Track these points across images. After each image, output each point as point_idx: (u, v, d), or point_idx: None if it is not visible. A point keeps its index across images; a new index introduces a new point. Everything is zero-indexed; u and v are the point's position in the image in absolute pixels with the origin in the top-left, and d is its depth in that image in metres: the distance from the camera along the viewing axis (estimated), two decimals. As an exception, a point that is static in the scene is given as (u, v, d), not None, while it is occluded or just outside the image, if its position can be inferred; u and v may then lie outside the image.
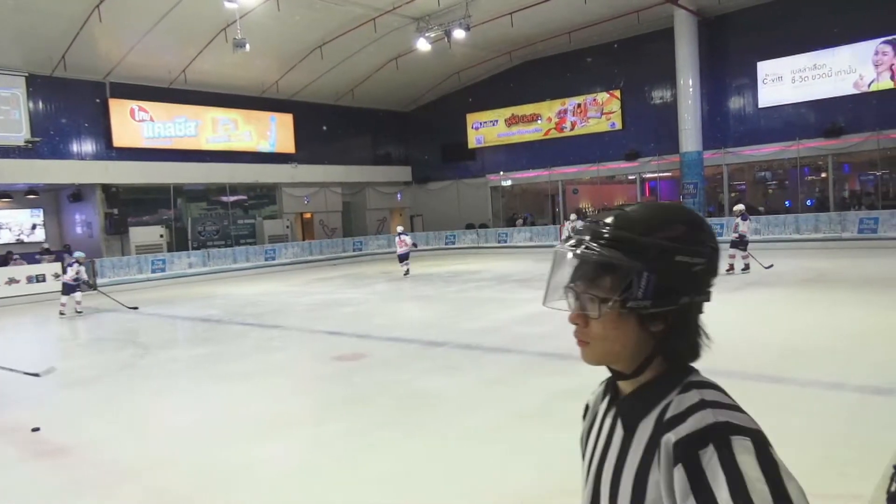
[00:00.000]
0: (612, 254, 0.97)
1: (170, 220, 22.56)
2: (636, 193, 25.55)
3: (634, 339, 0.99)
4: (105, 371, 8.24)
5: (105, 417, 6.11)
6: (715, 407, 0.91)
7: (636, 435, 0.98)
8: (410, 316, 10.88)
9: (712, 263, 1.01)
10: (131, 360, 8.75)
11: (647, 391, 1.00)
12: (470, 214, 27.73)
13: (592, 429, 1.12)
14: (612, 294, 0.98)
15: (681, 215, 1.02)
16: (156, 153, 21.51)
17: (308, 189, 26.12)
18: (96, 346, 10.67)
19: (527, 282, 14.64)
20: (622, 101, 23.75)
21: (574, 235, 1.04)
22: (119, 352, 9.64)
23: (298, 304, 13.41)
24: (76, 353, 10.38)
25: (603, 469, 1.03)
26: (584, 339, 1.03)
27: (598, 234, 1.00)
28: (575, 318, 1.03)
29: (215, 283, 19.45)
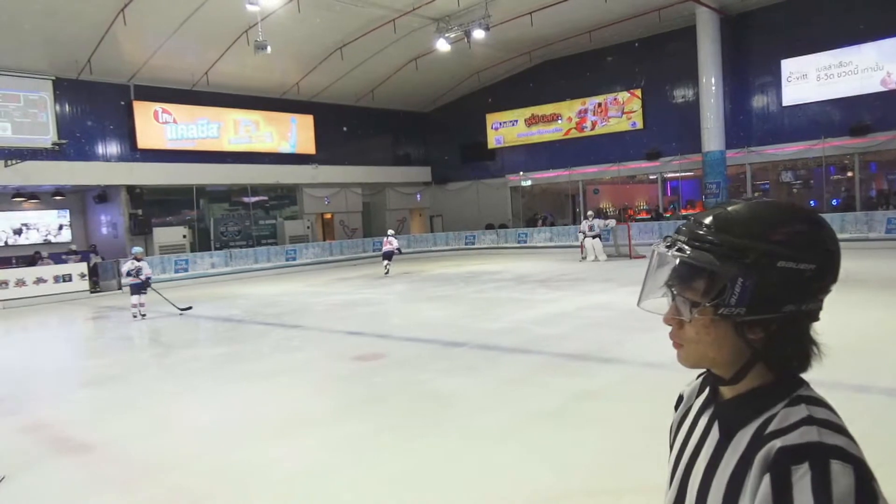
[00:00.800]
0: (702, 257, 0.92)
1: (193, 220, 22.82)
2: (657, 193, 25.33)
3: (729, 346, 0.94)
4: (128, 370, 8.35)
5: (127, 416, 6.19)
6: (822, 426, 0.86)
7: (733, 442, 0.94)
8: (429, 316, 10.89)
9: (826, 269, 0.92)
10: (154, 359, 8.86)
11: (750, 400, 0.95)
12: (490, 215, 27.69)
13: (685, 422, 1.08)
14: (703, 298, 0.93)
15: (790, 215, 0.94)
16: (179, 154, 21.79)
17: (328, 190, 26.28)
18: (120, 344, 10.82)
19: (546, 282, 14.57)
20: (643, 100, 23.56)
21: (673, 235, 1.00)
22: (142, 351, 9.77)
23: (318, 304, 13.48)
24: (100, 351, 10.53)
25: (693, 467, 0.99)
26: (678, 342, 0.99)
27: (694, 234, 0.96)
28: (668, 319, 1.00)
29: (237, 283, 19.64)
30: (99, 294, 18.45)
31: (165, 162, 21.35)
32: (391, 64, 23.72)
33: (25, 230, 21.60)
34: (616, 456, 4.40)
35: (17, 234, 21.30)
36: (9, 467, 4.85)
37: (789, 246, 0.91)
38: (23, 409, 6.64)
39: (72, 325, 14.03)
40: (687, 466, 1.01)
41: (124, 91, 20.93)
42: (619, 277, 14.43)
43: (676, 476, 1.03)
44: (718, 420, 0.99)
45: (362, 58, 22.36)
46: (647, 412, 5.25)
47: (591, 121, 24.89)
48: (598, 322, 9.27)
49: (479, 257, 23.55)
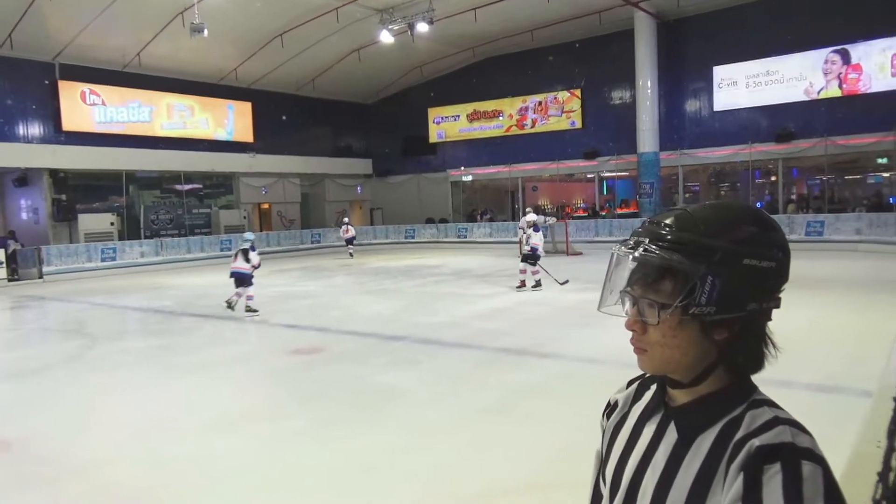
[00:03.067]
0: (673, 257, 0.92)
1: (121, 207, 21.90)
2: (594, 192, 25.94)
3: (696, 348, 0.94)
4: (50, 362, 7.95)
5: (50, 410, 5.89)
6: (793, 426, 0.88)
7: (693, 447, 0.93)
8: (369, 310, 10.81)
9: (783, 267, 0.95)
10: (79, 351, 8.46)
11: (710, 403, 0.95)
12: (430, 209, 27.72)
13: (622, 429, 1.07)
14: (672, 299, 0.92)
15: (748, 215, 0.96)
16: (107, 138, 20.84)
17: (266, 179, 25.71)
18: (41, 336, 10.30)
19: (486, 277, 14.70)
20: (582, 100, 24.03)
21: (633, 236, 0.98)
22: (65, 342, 9.32)
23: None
24: (19, 343, 9.98)
25: (644, 474, 0.98)
26: (641, 347, 0.97)
27: (657, 235, 0.95)
28: (632, 324, 0.98)
29: (168, 273, 18.99)
30: (17, 283, 17.48)
31: (93, 145, 20.36)
32: (333, 53, 23.37)
33: (-64, 213, 20.24)
34: (557, 451, 4.48)
35: (-73, 217, 19.93)
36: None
37: (752, 244, 0.92)
38: (-67, 405, 6.22)
39: (-13, 315, 13.24)
40: (636, 473, 0.99)
41: (49, 69, 19.85)
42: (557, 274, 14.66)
43: (623, 483, 1.01)
44: (676, 425, 0.98)
45: (303, 46, 21.94)
46: (586, 408, 5.35)
47: (531, 118, 25.22)
48: (536, 318, 9.41)
49: (419, 251, 23.53)
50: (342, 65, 24.34)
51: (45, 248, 18.58)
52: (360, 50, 23.20)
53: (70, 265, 18.62)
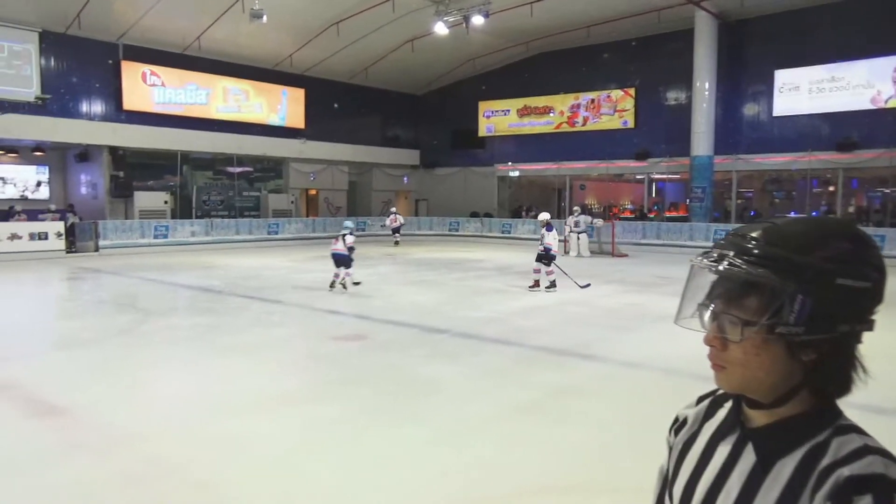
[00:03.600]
0: (761, 272, 0.87)
1: (175, 186, 22.48)
2: (643, 193, 25.48)
3: (780, 368, 0.89)
4: (103, 334, 8.22)
5: (101, 381, 6.09)
6: (886, 457, 0.84)
7: (773, 471, 0.89)
8: (411, 300, 10.86)
9: (879, 288, 0.90)
10: (130, 325, 8.73)
11: (792, 427, 0.91)
12: (475, 203, 27.65)
13: (693, 447, 1.03)
14: (757, 317, 0.88)
15: (843, 231, 0.91)
16: (165, 119, 21.40)
17: (315, 165, 26.04)
18: (95, 308, 10.66)
19: (528, 274, 14.56)
20: (636, 99, 23.60)
21: (715, 248, 0.95)
22: (118, 316, 9.62)
23: (299, 281, 13.38)
24: (75, 313, 10.36)
25: (718, 495, 0.94)
26: (719, 364, 0.93)
27: (744, 248, 0.91)
28: (711, 340, 0.93)
29: (217, 253, 19.42)
30: (75, 255, 18.13)
31: (151, 125, 20.95)
32: (387, 43, 23.46)
33: (2, 184, 21.11)
34: (594, 454, 4.42)
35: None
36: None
37: (846, 262, 0.87)
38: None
39: (46, 284, 13.79)
40: (708, 495, 0.95)
41: (113, 49, 20.46)
42: (601, 274, 14.49)
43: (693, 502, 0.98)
44: (754, 447, 0.94)
45: (358, 35, 22.08)
46: (626, 411, 5.29)
47: (582, 116, 24.89)
48: (578, 318, 9.31)
49: (462, 244, 23.53)
50: (395, 55, 24.43)
51: (102, 223, 19.23)
52: (413, 41, 23.24)
53: (125, 240, 19.23)
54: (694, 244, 20.01)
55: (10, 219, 18.32)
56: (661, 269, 15.86)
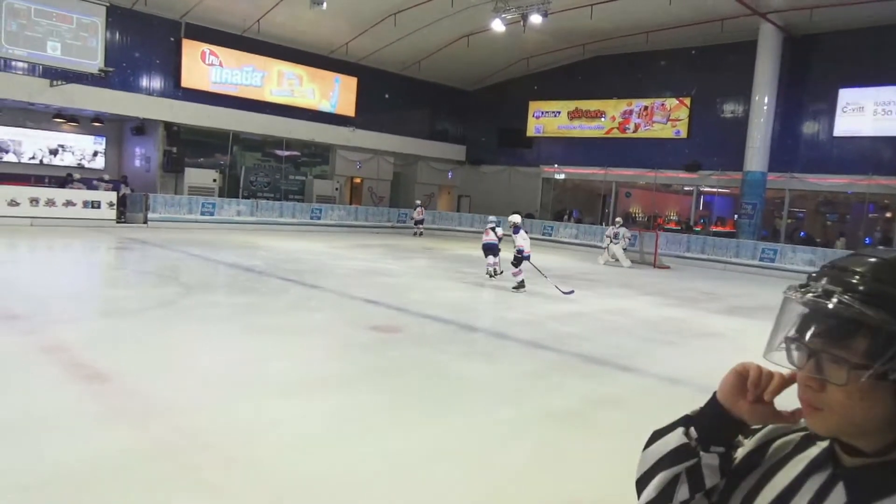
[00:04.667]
0: (875, 314, 0.79)
1: (224, 166, 22.89)
2: (690, 206, 24.95)
3: (887, 415, 0.81)
4: (147, 305, 8.40)
5: (142, 351, 6.21)
6: None
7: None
8: (448, 296, 10.83)
9: None
10: (173, 298, 8.90)
11: (892, 471, 0.83)
12: (518, 202, 27.37)
13: (777, 474, 0.95)
14: (866, 359, 0.80)
15: None
16: (220, 98, 21.79)
17: (362, 154, 26.21)
18: (140, 278, 10.91)
19: (567, 279, 14.41)
20: (691, 109, 23.12)
21: (815, 282, 0.87)
22: (162, 288, 9.84)
23: (339, 268, 13.49)
24: (122, 282, 10.63)
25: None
26: (815, 406, 0.86)
27: (849, 284, 0.83)
28: (807, 380, 0.86)
29: (260, 234, 19.72)
30: (124, 225, 18.63)
31: (206, 104, 21.35)
32: (443, 37, 23.43)
33: (61, 151, 21.78)
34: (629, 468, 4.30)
35: (53, 154, 21.49)
36: (31, 389, 4.90)
37: None
38: (44, 329, 6.70)
39: (95, 252, 14.18)
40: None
41: (175, 27, 20.91)
42: (641, 285, 14.26)
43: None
44: (845, 488, 0.87)
45: (415, 27, 22.11)
46: (662, 428, 5.16)
47: (634, 123, 24.51)
48: (616, 327, 9.15)
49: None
50: (450, 49, 24.39)
51: (153, 196, 19.70)
52: (469, 36, 23.16)
53: (173, 214, 19.67)
54: (739, 261, 19.53)
55: (66, 185, 18.91)
56: (704, 283, 15.51)
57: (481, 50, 24.16)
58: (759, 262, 19.19)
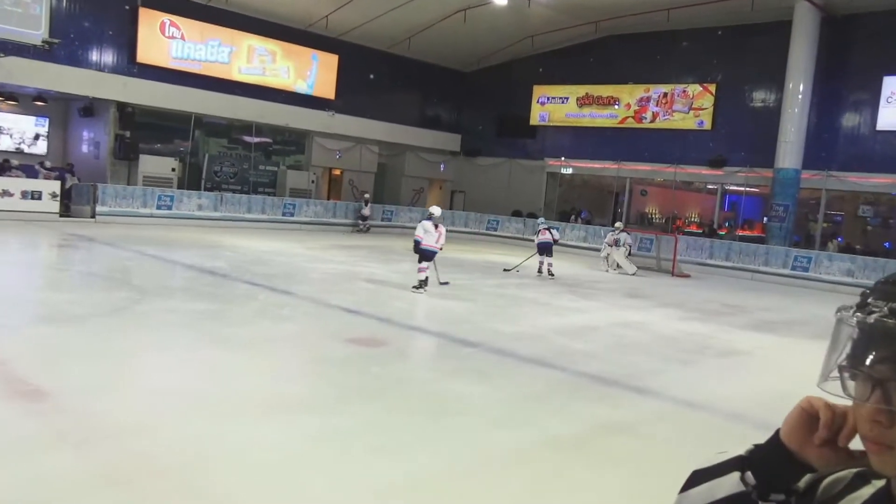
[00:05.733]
0: None
1: (185, 153, 22.84)
2: (714, 206, 25.08)
3: None
4: (94, 311, 8.36)
5: (89, 364, 6.18)
6: None
7: None
8: (439, 306, 10.84)
9: None
10: (124, 303, 8.87)
11: None
12: (520, 200, 27.54)
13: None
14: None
15: None
16: (181, 76, 21.73)
17: (342, 142, 26.21)
18: (87, 281, 10.87)
19: (576, 287, 14.48)
20: (716, 97, 23.26)
21: (872, 300, 0.87)
22: (111, 292, 9.79)
23: (314, 271, 13.48)
24: (66, 285, 10.57)
25: None
26: (884, 443, 0.85)
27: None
28: (876, 413, 0.85)
29: (225, 231, 19.66)
30: (69, 219, 18.52)
31: (165, 82, 21.28)
32: (437, 11, 23.48)
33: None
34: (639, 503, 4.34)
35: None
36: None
37: None
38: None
39: (35, 250, 14.11)
40: None
41: (131, -6, 20.88)
42: (658, 295, 14.32)
43: None
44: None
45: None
46: (681, 457, 5.18)
47: (652, 111, 24.63)
48: (630, 343, 9.19)
49: (500, 246, 23.46)
50: (444, 25, 24.45)
51: (102, 187, 19.60)
52: (466, 10, 23.23)
53: (124, 208, 19.58)
54: (769, 270, 19.64)
55: (2, 173, 18.76)
56: (728, 295, 15.60)
57: (480, 26, 24.23)
58: (790, 272, 19.32)
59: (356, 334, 8.25)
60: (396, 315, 9.74)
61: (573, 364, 7.70)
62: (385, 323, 9.18)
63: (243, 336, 7.75)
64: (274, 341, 7.73)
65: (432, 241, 11.98)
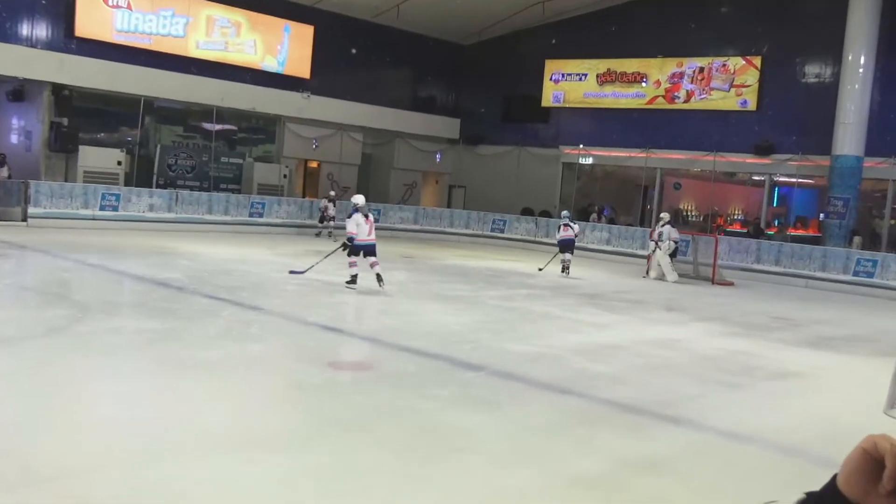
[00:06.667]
0: None
1: (133, 144, 22.85)
2: (761, 201, 25.11)
3: None
4: (27, 332, 8.36)
5: (21, 395, 6.17)
6: None
7: None
8: (435, 321, 10.84)
9: None
10: (62, 322, 8.87)
11: None
12: (531, 195, 27.57)
13: None
14: None
15: None
16: (128, 53, 21.75)
17: (320, 129, 26.24)
18: (16, 296, 10.87)
19: (597, 298, 14.50)
20: (762, 72, 23.32)
21: None
22: (47, 309, 9.80)
23: (288, 282, 13.47)
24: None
25: None
26: None
27: None
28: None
29: (182, 236, 19.65)
30: (-4, 223, 18.51)
31: (109, 60, 21.30)
32: (429, -27, 23.56)
33: None
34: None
35: None
36: None
37: None
38: None
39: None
40: None
41: (68, -44, 20.93)
42: (696, 307, 14.33)
43: None
44: None
45: (392, -41, 22.25)
46: (724, 500, 5.19)
47: (686, 90, 24.70)
48: (663, 364, 9.21)
49: (508, 250, 23.48)
50: (439, -11, 24.55)
51: (35, 184, 19.61)
52: (465, -28, 23.31)
53: (62, 209, 19.59)
54: (826, 276, 19.67)
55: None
56: (779, 306, 15.61)
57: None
58: (852, 278, 19.33)
59: (337, 357, 8.27)
60: (385, 333, 9.74)
61: (595, 390, 7.71)
62: (372, 343, 9.19)
63: (204, 360, 7.75)
64: (240, 366, 7.72)
65: (365, 234, 12.67)
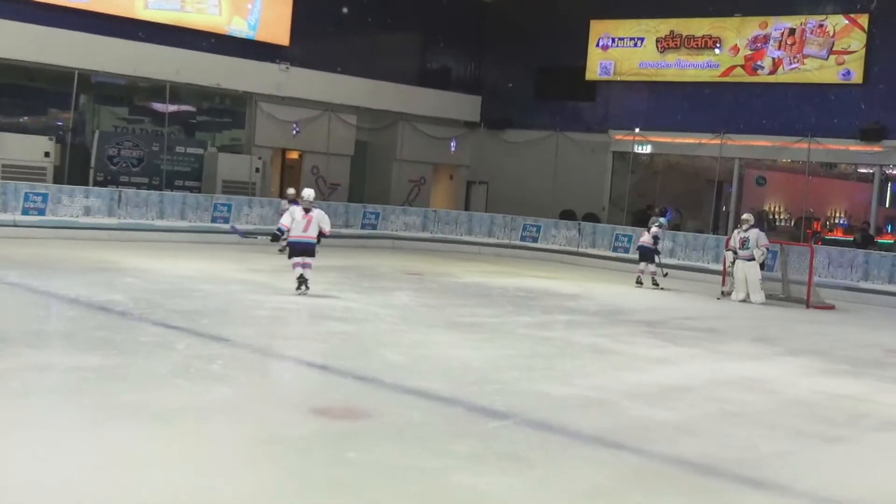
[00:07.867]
0: None
1: (64, 130, 22.95)
2: (870, 199, 24.98)
3: None
4: (-71, 370, 8.40)
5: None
6: None
7: None
8: (449, 356, 10.83)
9: None
10: (-25, 358, 8.91)
11: None
12: (572, 194, 27.56)
13: None
14: None
15: None
16: (59, 14, 21.93)
17: (302, 111, 26.32)
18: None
19: (657, 327, 14.45)
20: (869, 34, 23.26)
21: None
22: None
23: (261, 306, 13.49)
24: None
25: None
26: None
27: None
28: None
29: (125, 247, 19.73)
30: None
31: (35, 23, 21.45)
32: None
33: None
34: None
35: None
36: None
37: None
38: None
39: None
40: None
41: None
42: (786, 337, 14.28)
43: None
44: None
45: None
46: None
47: (771, 57, 24.69)
48: (743, 411, 9.17)
49: (543, 265, 23.47)
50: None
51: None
52: None
53: (-27, 214, 19.73)
54: (955, 297, 19.59)
55: None
56: (893, 336, 15.51)
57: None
58: None
59: (325, 402, 8.26)
60: (386, 372, 9.72)
61: (655, 444, 7.69)
62: (369, 384, 9.17)
63: (155, 405, 7.75)
64: (202, 412, 7.72)
65: (301, 230, 13.68)
